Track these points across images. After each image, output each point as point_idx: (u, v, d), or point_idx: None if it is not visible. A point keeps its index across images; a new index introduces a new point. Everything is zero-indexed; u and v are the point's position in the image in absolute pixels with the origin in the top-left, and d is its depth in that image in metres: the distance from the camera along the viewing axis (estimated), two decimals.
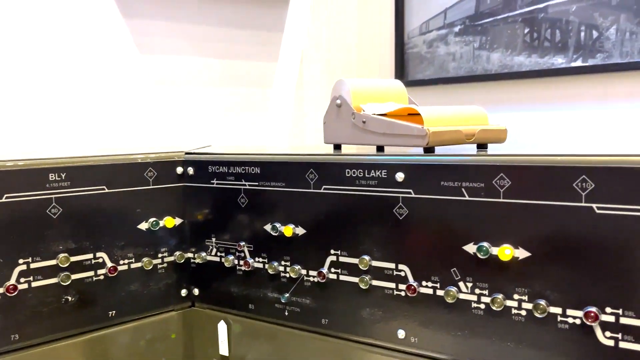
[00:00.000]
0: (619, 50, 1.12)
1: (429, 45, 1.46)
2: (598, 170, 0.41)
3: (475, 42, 1.36)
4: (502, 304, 0.46)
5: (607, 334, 0.42)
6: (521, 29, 1.27)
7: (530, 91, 1.28)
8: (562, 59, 1.21)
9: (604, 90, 1.16)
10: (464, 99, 1.40)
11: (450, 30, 1.41)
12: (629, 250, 0.41)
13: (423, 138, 0.50)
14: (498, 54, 1.32)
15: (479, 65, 1.36)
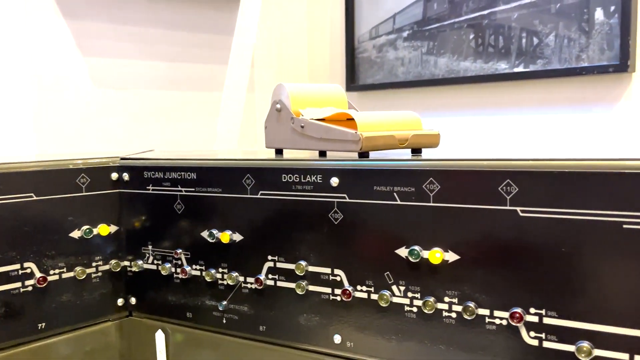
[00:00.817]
0: (558, 56, 1.16)
1: (378, 50, 1.48)
2: (521, 175, 0.43)
3: (423, 47, 1.39)
4: (433, 307, 0.46)
5: (532, 333, 0.43)
6: (467, 35, 1.30)
7: (475, 96, 1.31)
8: (505, 64, 1.24)
9: (545, 95, 1.20)
10: (412, 103, 1.42)
11: (399, 35, 1.43)
12: (551, 252, 0.42)
13: (357, 143, 0.51)
14: (445, 59, 1.35)
15: (427, 70, 1.38)
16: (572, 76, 1.14)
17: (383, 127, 0.52)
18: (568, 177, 0.41)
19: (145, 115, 1.30)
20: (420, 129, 0.55)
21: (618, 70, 1.06)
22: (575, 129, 1.16)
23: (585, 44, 1.12)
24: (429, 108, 1.39)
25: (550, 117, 1.19)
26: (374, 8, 1.47)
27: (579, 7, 1.12)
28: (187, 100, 1.41)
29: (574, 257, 0.41)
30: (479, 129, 1.31)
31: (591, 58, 1.11)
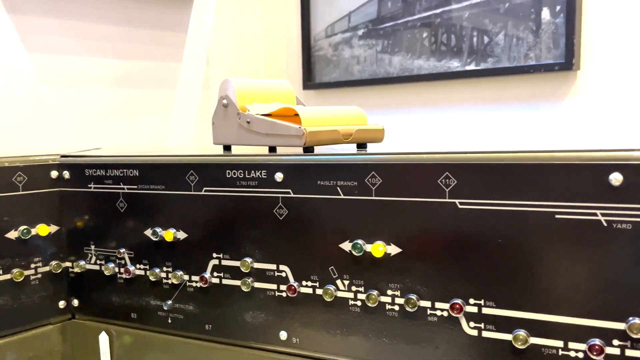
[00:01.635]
0: (507, 54, 1.19)
1: (334, 48, 1.48)
2: (459, 167, 0.43)
3: (378, 46, 1.40)
4: (376, 300, 0.47)
5: (472, 324, 0.44)
6: (420, 34, 1.32)
7: (429, 93, 1.32)
8: (458, 62, 1.26)
9: (495, 92, 1.22)
10: (368, 101, 1.43)
11: (354, 34, 1.44)
12: (488, 243, 0.42)
13: (300, 138, 0.50)
14: (399, 58, 1.36)
15: (382, 68, 1.39)
16: (521, 74, 1.16)
17: (327, 122, 0.52)
18: (503, 169, 0.42)
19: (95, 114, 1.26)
20: (365, 124, 0.55)
21: (564, 69, 1.10)
22: (525, 126, 1.19)
23: (533, 42, 1.15)
24: (384, 106, 1.40)
25: (501, 114, 1.22)
26: (330, 6, 1.48)
27: (526, 6, 1.15)
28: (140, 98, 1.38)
29: (509, 248, 0.42)
30: (433, 126, 1.32)
31: (538, 56, 1.14)
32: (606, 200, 0.39)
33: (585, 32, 1.09)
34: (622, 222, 0.38)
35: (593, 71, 1.09)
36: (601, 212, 0.39)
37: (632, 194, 0.38)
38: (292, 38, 1.57)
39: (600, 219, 0.39)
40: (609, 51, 1.07)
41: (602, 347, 0.39)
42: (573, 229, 0.40)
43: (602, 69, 1.08)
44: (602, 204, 0.39)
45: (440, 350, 0.45)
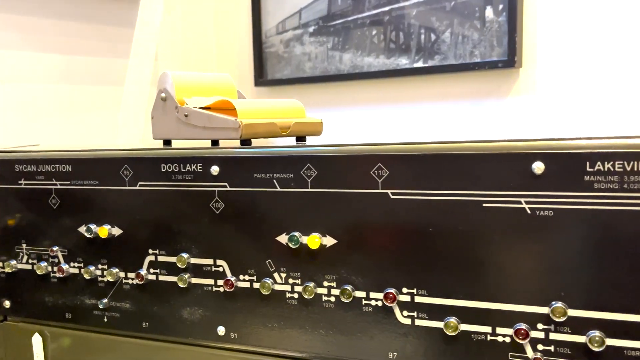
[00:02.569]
0: (454, 52, 1.21)
1: (285, 45, 1.48)
2: (391, 159, 0.44)
3: (329, 43, 1.40)
4: (312, 292, 0.47)
5: (405, 312, 0.44)
6: (369, 31, 1.33)
7: (379, 90, 1.34)
8: (406, 60, 1.28)
9: (443, 89, 1.25)
10: (319, 98, 1.43)
11: (305, 31, 1.44)
12: (420, 232, 0.43)
13: (237, 130, 0.50)
14: (350, 55, 1.37)
15: (333, 65, 1.40)
16: (467, 71, 1.19)
17: (264, 115, 0.52)
18: (433, 159, 0.42)
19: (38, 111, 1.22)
20: (304, 117, 0.55)
21: (506, 66, 1.13)
22: (471, 122, 1.21)
23: (477, 40, 1.17)
24: (336, 103, 1.41)
25: (448, 110, 1.25)
26: (280, 3, 1.47)
27: (471, 5, 1.17)
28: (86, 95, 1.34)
29: (440, 237, 0.43)
30: (384, 123, 1.34)
31: (483, 54, 1.17)
32: (529, 188, 0.40)
33: (527, 30, 1.12)
34: (545, 210, 0.40)
35: (534, 68, 1.12)
36: (525, 200, 0.40)
37: (554, 181, 0.39)
38: (243, 34, 1.56)
39: (524, 207, 0.40)
40: (550, 49, 1.11)
41: (527, 332, 0.40)
42: (499, 217, 0.41)
43: (543, 67, 1.12)
44: (525, 192, 0.40)
45: (376, 340, 0.45)
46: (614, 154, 0.38)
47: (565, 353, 0.40)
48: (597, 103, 1.06)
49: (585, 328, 0.39)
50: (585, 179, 0.38)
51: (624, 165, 0.37)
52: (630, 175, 0.37)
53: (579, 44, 1.08)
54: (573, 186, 0.39)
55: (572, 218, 0.39)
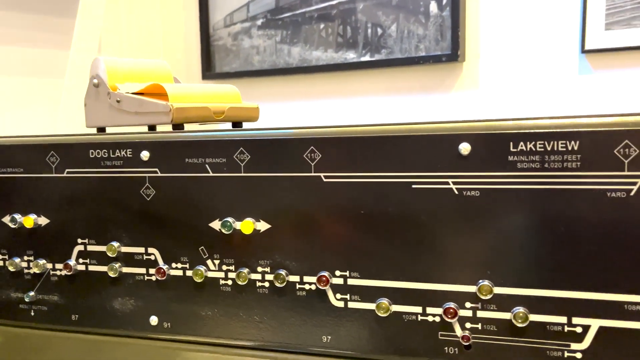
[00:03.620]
0: (400, 46, 1.22)
1: (234, 38, 1.46)
2: (323, 141, 0.43)
3: (277, 36, 1.39)
4: (246, 278, 0.46)
5: (338, 295, 0.44)
6: (317, 25, 1.33)
7: (327, 84, 1.34)
8: (354, 54, 1.29)
9: (389, 83, 1.26)
10: (268, 91, 1.43)
11: (253, 24, 1.43)
12: (352, 215, 0.43)
13: (167, 114, 0.49)
14: (298, 48, 1.37)
15: (282, 58, 1.39)
16: (412, 65, 1.21)
17: (197, 99, 0.51)
18: (364, 142, 0.42)
19: None
20: (239, 102, 0.54)
21: (450, 60, 1.15)
22: (417, 116, 1.23)
23: (422, 35, 1.19)
24: (284, 96, 1.40)
25: (395, 104, 1.26)
26: None
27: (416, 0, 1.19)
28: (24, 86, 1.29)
29: (371, 219, 0.43)
30: (332, 116, 1.34)
31: (428, 48, 1.18)
32: (456, 169, 0.41)
33: (470, 25, 1.15)
34: (471, 190, 0.40)
35: (477, 63, 1.15)
36: (452, 180, 0.41)
37: (479, 162, 0.40)
38: (190, 27, 1.53)
39: (452, 187, 0.41)
40: (492, 44, 1.13)
41: (456, 310, 0.41)
42: (427, 198, 0.41)
43: (485, 61, 1.14)
44: (453, 172, 0.41)
45: (310, 324, 0.45)
46: (535, 134, 0.39)
47: (492, 330, 0.41)
48: (537, 96, 1.10)
49: (511, 305, 0.40)
50: (509, 159, 0.39)
51: (545, 145, 0.39)
52: (550, 154, 0.38)
53: (520, 39, 1.11)
54: (498, 166, 0.40)
55: (497, 198, 0.40)
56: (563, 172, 0.38)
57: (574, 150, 0.38)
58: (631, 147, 0.37)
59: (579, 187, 0.38)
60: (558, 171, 0.38)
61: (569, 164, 0.38)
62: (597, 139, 0.37)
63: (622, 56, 1.01)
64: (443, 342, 0.42)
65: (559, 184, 0.38)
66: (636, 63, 1.01)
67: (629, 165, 0.37)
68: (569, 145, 0.38)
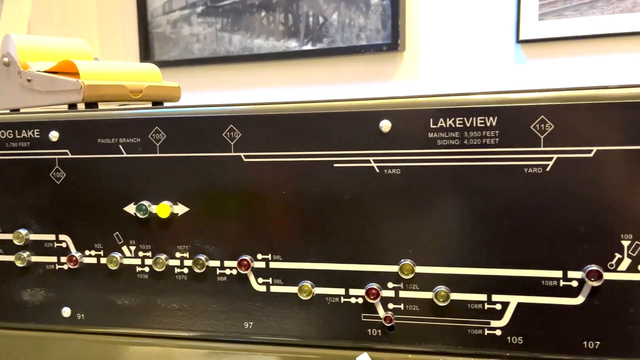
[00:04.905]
0: (341, 35, 1.22)
1: (173, 25, 1.42)
2: (243, 119, 0.42)
3: (218, 24, 1.36)
4: (164, 264, 0.44)
5: (260, 279, 0.43)
6: (259, 13, 1.31)
7: (269, 73, 1.32)
8: (295, 42, 1.27)
9: (331, 72, 1.25)
10: (209, 80, 1.39)
11: (193, 11, 1.39)
12: (274, 195, 0.42)
13: (79, 92, 0.46)
14: (239, 36, 1.34)
15: (222, 47, 1.36)
16: (353, 54, 1.20)
17: (113, 77, 0.48)
18: (285, 119, 0.41)
19: None
20: (159, 81, 0.52)
21: (390, 49, 1.15)
22: None
23: (363, 24, 1.19)
24: (225, 85, 1.37)
25: (337, 93, 1.25)
26: None
27: None
28: None
29: (293, 200, 0.41)
30: None
31: (369, 37, 1.18)
32: (378, 147, 0.40)
33: (410, 14, 1.15)
34: (392, 168, 0.40)
35: (417, 52, 1.16)
36: (374, 158, 0.40)
37: (400, 140, 0.39)
38: (128, 13, 1.47)
39: (373, 166, 0.40)
40: (431, 33, 1.14)
41: (378, 291, 0.40)
42: (349, 177, 0.40)
43: (425, 50, 1.15)
44: (374, 150, 0.40)
45: (231, 310, 0.43)
46: (454, 110, 0.38)
47: (414, 310, 0.40)
48: (475, 85, 1.11)
49: (432, 284, 0.40)
50: (429, 136, 0.39)
51: (464, 121, 0.38)
52: (470, 131, 0.38)
53: (458, 29, 1.12)
54: (418, 143, 0.39)
55: (417, 175, 0.39)
56: (482, 149, 0.38)
57: (493, 126, 0.38)
58: (547, 122, 0.37)
59: (498, 163, 0.38)
60: (477, 147, 0.38)
61: (488, 140, 0.38)
62: (514, 115, 0.37)
63: (554, 46, 1.04)
64: (366, 324, 0.41)
65: (479, 160, 0.38)
66: (568, 52, 1.03)
67: (544, 141, 0.37)
68: (487, 121, 0.38)
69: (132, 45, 1.48)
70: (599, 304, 0.37)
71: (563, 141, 0.37)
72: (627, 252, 0.36)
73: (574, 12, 1.00)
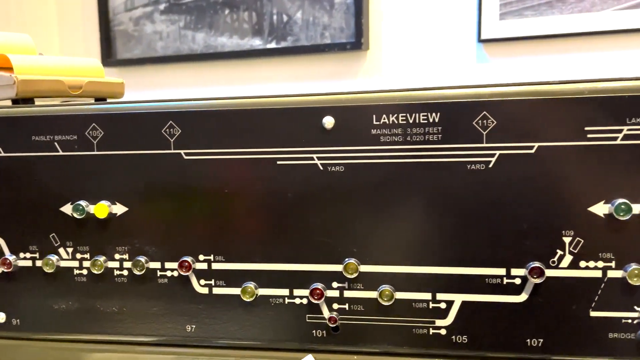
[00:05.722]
0: (305, 34, 1.21)
1: (135, 22, 1.39)
2: (183, 116, 0.40)
3: (181, 22, 1.34)
4: (103, 267, 0.42)
5: (202, 281, 0.41)
6: (222, 10, 1.29)
7: (233, 71, 1.30)
8: (259, 40, 1.26)
9: (296, 70, 1.24)
10: (173, 79, 1.37)
11: (155, 8, 1.36)
12: (215, 194, 0.40)
13: (12, 87, 0.44)
14: (203, 34, 1.32)
15: (186, 45, 1.34)
16: (318, 53, 1.19)
17: (50, 72, 0.46)
18: (226, 116, 0.40)
19: None
20: (102, 77, 0.50)
21: (354, 48, 1.14)
22: None
23: (327, 22, 1.18)
24: (189, 83, 1.35)
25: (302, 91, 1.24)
26: None
27: None
28: None
29: (236, 198, 0.40)
30: None
31: (333, 36, 1.17)
32: (321, 144, 0.39)
33: (373, 13, 1.15)
34: (336, 165, 0.39)
35: (380, 51, 1.15)
36: (317, 155, 0.39)
37: (343, 136, 0.38)
38: (89, 11, 1.44)
39: (316, 163, 0.39)
40: (395, 32, 1.14)
41: (322, 291, 0.39)
42: (293, 174, 0.39)
43: (388, 49, 1.15)
44: (317, 147, 0.39)
45: (173, 313, 0.42)
46: (397, 106, 0.38)
47: (359, 310, 0.39)
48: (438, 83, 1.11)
49: (377, 283, 0.39)
50: (372, 133, 0.38)
51: (407, 117, 0.37)
52: (413, 127, 0.37)
53: (421, 28, 1.12)
54: (361, 140, 0.38)
55: (361, 172, 0.38)
56: (425, 145, 0.37)
57: (435, 123, 0.37)
58: (489, 118, 0.36)
59: (441, 159, 0.37)
60: (420, 144, 0.37)
61: (431, 136, 0.37)
62: (456, 111, 0.37)
63: (515, 45, 1.05)
64: (311, 325, 0.40)
65: (421, 157, 0.37)
66: (529, 51, 1.04)
67: (487, 137, 0.37)
68: (430, 118, 0.37)
69: (93, 43, 1.44)
70: (542, 301, 0.37)
71: (505, 137, 0.36)
72: (569, 248, 0.36)
73: (533, 12, 1.01)
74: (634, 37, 0.98)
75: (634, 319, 0.36)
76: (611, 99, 0.35)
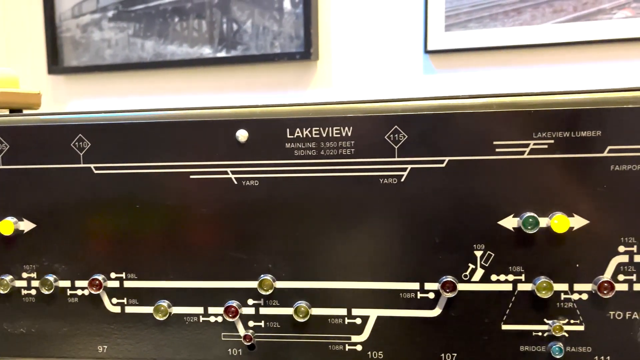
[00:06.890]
0: (255, 43, 1.20)
1: (83, 29, 1.35)
2: (92, 129, 0.39)
3: (130, 29, 1.31)
4: (9, 286, 0.40)
5: (114, 300, 0.40)
6: (172, 18, 1.27)
7: (183, 80, 1.28)
8: (209, 49, 1.24)
9: (246, 80, 1.23)
10: (121, 87, 1.34)
11: (104, 15, 1.33)
12: (127, 210, 0.39)
13: None
14: (152, 42, 1.29)
15: (135, 53, 1.31)
16: (268, 62, 1.19)
17: None
18: (137, 129, 0.39)
19: None
20: (17, 87, 0.48)
21: (303, 58, 1.14)
22: None
23: (277, 31, 1.17)
24: (138, 92, 1.32)
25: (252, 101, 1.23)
26: None
27: None
28: None
29: (148, 214, 0.39)
30: None
31: (283, 45, 1.17)
32: (235, 157, 0.38)
33: (323, 23, 1.15)
34: (250, 179, 0.38)
35: (330, 61, 1.16)
36: (231, 170, 0.38)
37: (258, 150, 0.38)
38: (35, 17, 1.40)
39: (231, 177, 0.38)
40: (344, 43, 1.14)
41: (237, 309, 0.38)
42: (207, 189, 0.38)
43: (338, 60, 1.15)
44: (231, 161, 0.38)
45: (83, 334, 0.40)
46: (311, 119, 0.37)
47: (275, 327, 0.39)
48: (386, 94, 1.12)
49: (292, 299, 0.38)
50: (286, 146, 0.37)
51: (320, 131, 0.37)
52: (326, 141, 0.37)
53: (369, 39, 1.13)
54: (275, 154, 0.38)
55: (276, 187, 0.38)
56: (338, 159, 0.37)
57: (348, 137, 0.37)
58: (400, 132, 0.36)
59: (354, 174, 0.37)
60: (334, 158, 0.37)
61: (344, 150, 0.37)
62: (369, 125, 0.37)
63: (460, 57, 1.06)
64: (226, 343, 0.39)
65: (335, 171, 0.37)
66: (473, 63, 1.06)
67: (399, 151, 0.36)
68: (342, 131, 0.37)
69: (39, 50, 1.40)
70: (455, 315, 0.37)
71: (416, 151, 0.36)
72: (480, 262, 0.36)
73: (477, 24, 1.03)
74: (573, 49, 1.01)
75: (544, 331, 0.36)
76: (518, 114, 0.35)
